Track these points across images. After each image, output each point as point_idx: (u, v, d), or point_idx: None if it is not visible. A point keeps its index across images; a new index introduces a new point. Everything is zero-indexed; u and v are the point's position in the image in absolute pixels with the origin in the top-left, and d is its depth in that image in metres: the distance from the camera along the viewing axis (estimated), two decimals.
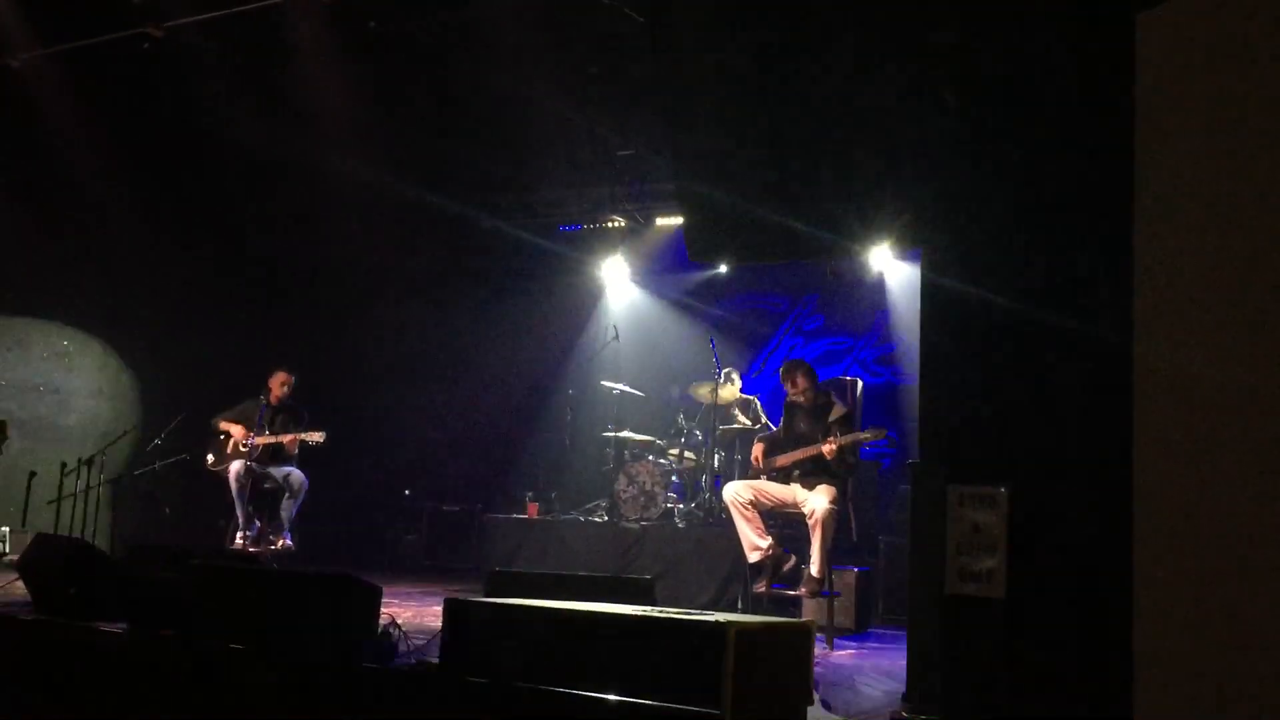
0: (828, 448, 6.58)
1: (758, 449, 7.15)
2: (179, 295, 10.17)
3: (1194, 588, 2.44)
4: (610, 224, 11.44)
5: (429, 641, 4.88)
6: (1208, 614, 2.40)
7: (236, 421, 8.62)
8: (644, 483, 8.73)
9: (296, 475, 8.45)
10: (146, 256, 9.83)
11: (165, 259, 9.92)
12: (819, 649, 5.53)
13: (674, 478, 8.94)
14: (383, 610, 4.99)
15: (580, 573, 7.87)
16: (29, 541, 6.45)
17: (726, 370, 9.02)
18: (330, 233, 10.33)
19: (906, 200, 4.63)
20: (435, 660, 4.37)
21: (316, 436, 8.35)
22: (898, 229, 4.90)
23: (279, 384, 8.68)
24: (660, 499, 8.67)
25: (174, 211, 9.74)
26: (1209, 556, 2.42)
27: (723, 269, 10.59)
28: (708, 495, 8.65)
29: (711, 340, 9.38)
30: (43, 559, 5.85)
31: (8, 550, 8.70)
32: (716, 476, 8.65)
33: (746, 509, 6.67)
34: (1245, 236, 2.40)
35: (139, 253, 9.79)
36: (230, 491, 8.29)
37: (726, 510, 6.92)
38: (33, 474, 8.68)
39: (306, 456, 8.58)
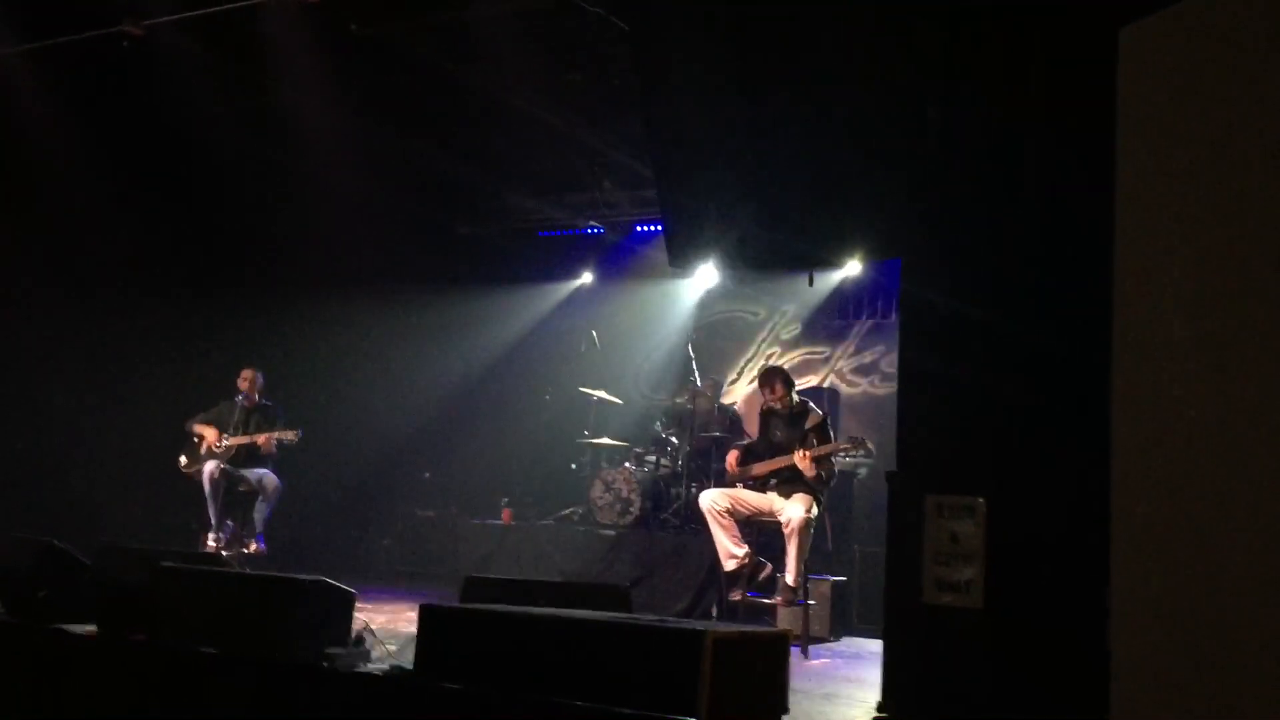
0: (801, 460, 6.58)
1: (732, 456, 7.15)
2: (152, 295, 10.07)
3: (1171, 597, 2.45)
4: (590, 230, 11.44)
5: (403, 647, 4.85)
6: (1185, 624, 2.41)
7: (210, 424, 8.56)
8: (620, 489, 8.72)
9: (270, 478, 8.39)
10: (122, 256, 9.73)
11: (140, 259, 9.82)
12: (794, 657, 5.53)
13: (650, 485, 8.91)
14: (356, 615, 4.96)
15: (556, 579, 7.87)
16: None
17: (705, 378, 9.02)
18: (306, 236, 10.25)
19: (884, 211, 4.65)
20: (409, 666, 4.35)
21: (290, 435, 8.30)
22: (876, 239, 4.91)
23: (244, 381, 8.62)
24: (636, 506, 8.64)
25: (150, 211, 9.64)
26: (1186, 566, 2.43)
27: (702, 277, 10.60)
28: (684, 503, 8.64)
29: (690, 347, 9.37)
30: (12, 560, 5.77)
31: None
32: (693, 484, 8.64)
33: (723, 517, 6.67)
34: (1227, 251, 2.41)
35: (114, 252, 9.68)
36: (203, 493, 8.23)
37: (703, 518, 6.91)
38: None
39: (280, 460, 8.52)
